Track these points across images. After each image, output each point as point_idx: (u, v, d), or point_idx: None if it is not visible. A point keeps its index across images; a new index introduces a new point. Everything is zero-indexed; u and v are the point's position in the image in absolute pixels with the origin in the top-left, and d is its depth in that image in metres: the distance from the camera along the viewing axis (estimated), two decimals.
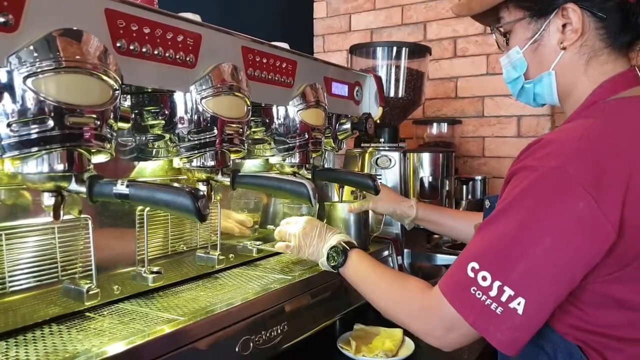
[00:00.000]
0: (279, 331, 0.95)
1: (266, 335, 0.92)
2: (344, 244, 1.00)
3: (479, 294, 0.70)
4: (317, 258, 1.04)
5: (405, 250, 1.49)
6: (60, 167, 0.67)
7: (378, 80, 1.47)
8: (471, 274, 0.72)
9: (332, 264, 1.00)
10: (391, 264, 1.43)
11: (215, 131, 0.89)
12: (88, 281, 0.80)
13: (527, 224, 0.70)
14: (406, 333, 1.15)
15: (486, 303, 0.70)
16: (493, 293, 0.69)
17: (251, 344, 0.88)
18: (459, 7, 0.92)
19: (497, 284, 0.69)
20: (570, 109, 0.83)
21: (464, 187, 1.51)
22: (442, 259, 1.49)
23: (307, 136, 1.12)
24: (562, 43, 0.80)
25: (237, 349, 0.85)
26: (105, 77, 0.69)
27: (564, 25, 0.80)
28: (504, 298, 0.69)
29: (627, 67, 0.80)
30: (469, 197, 1.65)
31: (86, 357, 0.65)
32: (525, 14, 0.83)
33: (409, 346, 1.10)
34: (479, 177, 1.60)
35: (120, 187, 0.70)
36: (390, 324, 1.20)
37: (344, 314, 1.17)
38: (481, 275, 0.71)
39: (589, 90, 0.80)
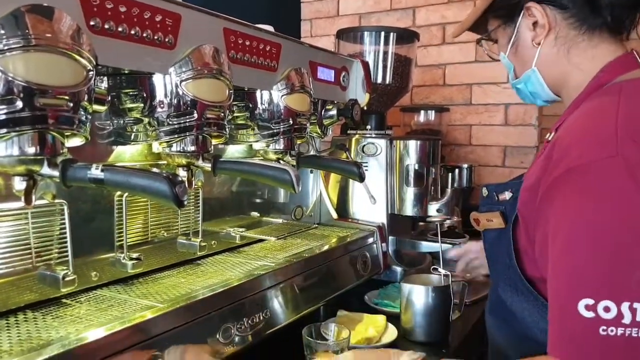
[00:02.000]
0: (261, 318, 0.94)
1: (248, 322, 0.91)
2: None
3: (612, 330, 0.58)
4: None
5: (390, 238, 1.49)
6: (31, 150, 0.65)
7: (365, 65, 1.45)
8: (589, 314, 0.60)
9: None
10: (376, 252, 1.42)
11: (196, 115, 0.86)
12: (64, 267, 0.78)
13: (617, 227, 0.61)
14: (389, 319, 1.15)
15: (627, 334, 0.58)
16: (627, 319, 0.58)
17: (233, 331, 0.87)
18: (455, 29, 0.98)
19: (625, 305, 0.58)
20: (570, 98, 0.83)
21: (450, 174, 1.50)
22: (426, 246, 1.48)
23: (291, 122, 1.11)
24: (534, 40, 0.83)
25: (218, 336, 0.84)
26: (78, 57, 0.66)
27: (534, 24, 0.82)
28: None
29: (620, 49, 0.80)
30: (454, 185, 1.65)
31: (62, 344, 0.63)
32: (499, 21, 0.88)
33: (392, 332, 1.10)
34: (465, 165, 1.59)
35: (95, 172, 0.68)
36: (374, 312, 1.20)
37: (328, 301, 1.17)
38: (602, 307, 0.59)
39: (584, 77, 0.80)
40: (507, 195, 0.85)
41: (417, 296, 1.09)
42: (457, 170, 1.51)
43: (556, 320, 0.65)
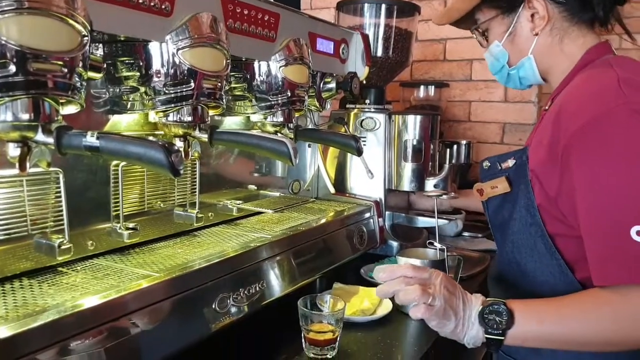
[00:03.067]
0: (258, 289, 0.95)
1: (244, 293, 0.92)
2: (495, 301, 0.78)
3: None
4: (463, 331, 0.79)
5: (387, 213, 1.49)
6: (25, 116, 0.64)
7: (365, 38, 1.43)
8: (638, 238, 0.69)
9: (494, 332, 0.76)
10: (372, 226, 1.43)
11: (192, 84, 0.85)
12: (60, 236, 0.78)
13: None
14: None
15: None
16: None
17: (229, 301, 0.88)
18: (439, 17, 1.06)
19: None
20: (557, 79, 0.95)
21: (448, 150, 1.49)
22: (422, 221, 1.49)
23: (289, 94, 1.09)
24: (534, 30, 0.92)
25: (214, 306, 0.85)
26: (72, 22, 0.65)
27: (532, 15, 0.92)
28: None
29: (597, 38, 0.93)
30: (452, 161, 1.64)
31: (57, 310, 0.64)
32: (497, 12, 0.96)
33: (387, 305, 1.11)
34: (463, 142, 1.59)
35: (90, 139, 0.67)
36: (370, 285, 1.21)
37: (324, 274, 1.17)
38: None
39: (572, 61, 0.92)
40: (510, 162, 0.92)
41: None
42: (455, 146, 1.51)
43: (605, 252, 0.72)
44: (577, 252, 0.82)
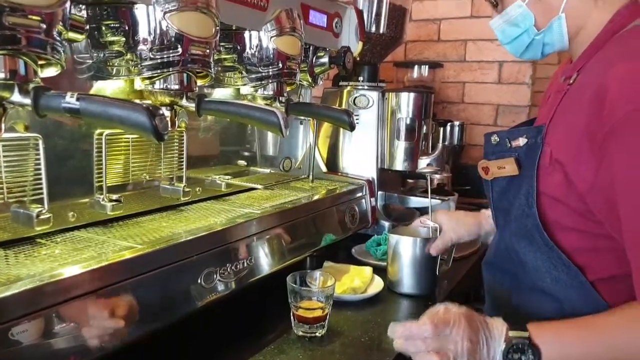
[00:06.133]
0: (245, 265, 0.92)
1: (231, 269, 0.89)
2: (520, 338, 0.71)
3: None
4: None
5: (379, 193, 1.47)
6: (0, 74, 0.60)
7: (359, 13, 1.39)
8: None
9: None
10: (364, 206, 1.40)
11: (180, 50, 0.81)
12: (39, 205, 0.75)
13: None
14: (375, 271, 1.14)
15: None
16: None
17: (215, 276, 0.85)
18: None
19: None
20: (581, 47, 0.82)
21: (442, 130, 1.47)
22: (415, 201, 1.47)
23: (281, 65, 1.06)
24: None
25: (199, 280, 0.82)
26: None
27: None
28: None
29: None
30: (446, 142, 1.62)
31: (31, 280, 0.60)
32: None
33: (378, 284, 1.09)
34: (457, 122, 1.57)
35: (70, 100, 0.63)
36: (361, 264, 1.19)
37: (314, 252, 1.15)
38: None
39: (599, 22, 0.79)
40: (521, 141, 0.82)
41: (405, 247, 1.08)
42: (449, 126, 1.49)
43: None
44: (579, 245, 0.77)
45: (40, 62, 0.67)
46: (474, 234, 1.10)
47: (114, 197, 0.87)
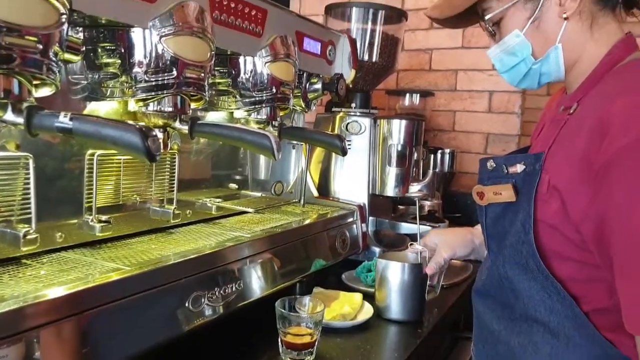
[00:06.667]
0: (233, 289, 0.91)
1: (220, 293, 0.88)
2: None
3: None
4: None
5: (370, 218, 1.47)
6: None
7: (352, 41, 1.41)
8: None
9: None
10: (355, 231, 1.40)
11: (175, 73, 0.82)
12: (26, 225, 0.74)
13: None
14: (366, 298, 1.13)
15: None
16: None
17: (203, 300, 0.84)
18: (437, 9, 0.89)
19: None
20: (578, 78, 0.83)
21: (432, 157, 1.48)
22: (406, 227, 1.47)
23: (274, 90, 1.07)
24: (565, 13, 0.79)
25: (187, 304, 0.81)
26: None
27: None
28: None
29: (619, 29, 0.82)
30: (436, 169, 1.64)
31: (15, 301, 0.59)
32: None
33: (368, 311, 1.09)
34: (448, 150, 1.58)
35: (63, 119, 0.63)
36: (351, 291, 1.19)
37: (304, 277, 1.14)
38: None
39: (596, 56, 0.80)
40: (518, 168, 0.81)
41: (393, 272, 1.07)
42: (439, 153, 1.50)
43: (633, 294, 0.65)
44: (575, 274, 0.77)
45: (35, 82, 0.67)
46: (469, 246, 1.10)
47: (103, 218, 0.86)
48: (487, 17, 0.84)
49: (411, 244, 1.13)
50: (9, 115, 0.63)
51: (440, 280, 1.15)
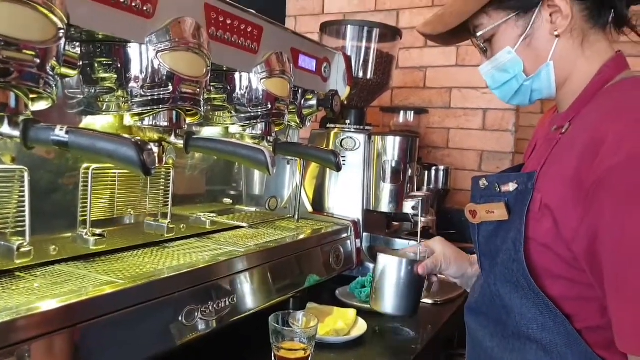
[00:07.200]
0: (228, 303, 0.91)
1: (213, 307, 0.88)
2: None
3: None
4: None
5: (364, 234, 1.47)
6: None
7: (347, 59, 1.43)
8: None
9: None
10: (349, 247, 1.40)
11: (171, 88, 0.83)
12: (20, 238, 0.74)
13: None
14: (360, 314, 1.13)
15: None
16: None
17: (196, 314, 0.84)
18: (429, 25, 0.89)
19: None
20: (569, 96, 0.83)
21: (427, 173, 1.50)
22: (400, 244, 1.47)
23: (270, 106, 1.08)
24: (556, 31, 0.80)
25: (180, 318, 0.81)
26: (48, 13, 0.63)
27: (551, 14, 0.80)
28: None
29: (610, 47, 0.82)
30: (430, 186, 1.65)
31: (7, 313, 0.59)
32: (509, 13, 0.82)
33: (362, 326, 1.08)
34: (442, 167, 1.59)
35: (59, 133, 0.64)
36: (345, 306, 1.18)
37: (298, 292, 1.14)
38: None
39: (587, 73, 0.81)
40: (511, 186, 0.81)
41: (391, 267, 1.05)
42: (433, 170, 1.51)
43: (629, 314, 0.65)
44: (566, 292, 0.77)
45: (31, 96, 0.68)
46: (463, 268, 1.08)
47: (98, 231, 0.86)
48: (478, 34, 0.85)
49: (421, 242, 1.11)
50: (5, 129, 0.64)
51: (432, 284, 1.13)
